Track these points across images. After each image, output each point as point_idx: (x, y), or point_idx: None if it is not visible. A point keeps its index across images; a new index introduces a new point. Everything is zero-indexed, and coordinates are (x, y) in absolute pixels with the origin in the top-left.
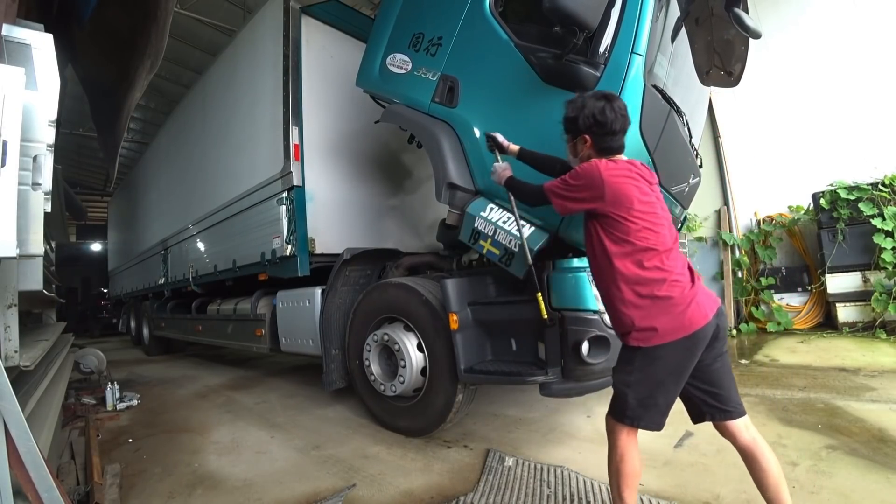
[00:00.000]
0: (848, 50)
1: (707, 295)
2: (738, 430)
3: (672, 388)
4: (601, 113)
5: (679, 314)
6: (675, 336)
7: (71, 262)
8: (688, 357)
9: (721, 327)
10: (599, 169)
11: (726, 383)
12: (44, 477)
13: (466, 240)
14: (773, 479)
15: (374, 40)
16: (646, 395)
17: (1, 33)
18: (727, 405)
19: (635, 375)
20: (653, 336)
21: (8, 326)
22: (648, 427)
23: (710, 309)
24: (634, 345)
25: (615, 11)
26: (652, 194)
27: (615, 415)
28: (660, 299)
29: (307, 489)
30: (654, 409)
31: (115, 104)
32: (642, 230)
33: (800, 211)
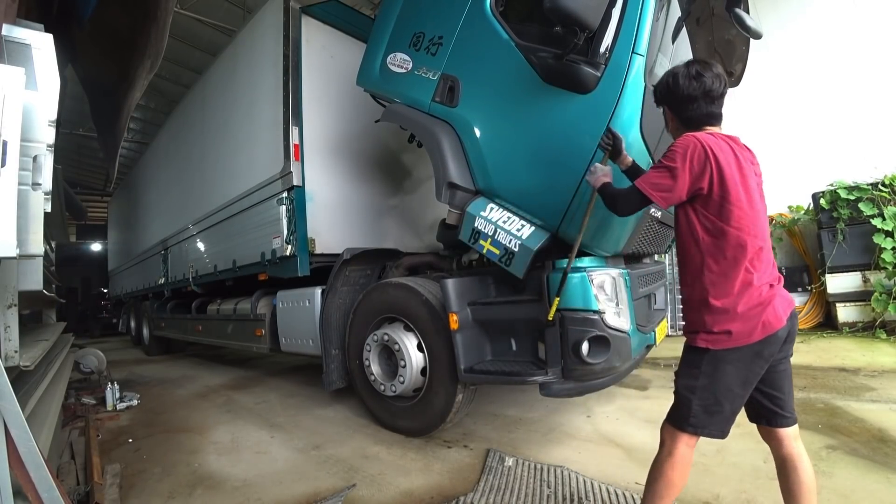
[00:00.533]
0: (848, 49)
1: (783, 297)
2: (787, 438)
3: (740, 395)
4: (674, 79)
5: (755, 316)
6: (748, 340)
7: (71, 262)
8: (759, 362)
9: (793, 330)
10: (700, 140)
11: (787, 388)
12: (44, 477)
13: (466, 239)
14: (805, 495)
15: (374, 39)
16: (712, 402)
17: (1, 33)
18: (785, 410)
19: (702, 380)
20: (726, 339)
21: (8, 326)
22: (712, 435)
23: (785, 312)
24: (703, 346)
25: (616, 11)
26: (755, 181)
27: (676, 422)
28: (741, 301)
29: (307, 489)
30: (720, 416)
31: (115, 104)
32: (743, 218)
33: (800, 211)
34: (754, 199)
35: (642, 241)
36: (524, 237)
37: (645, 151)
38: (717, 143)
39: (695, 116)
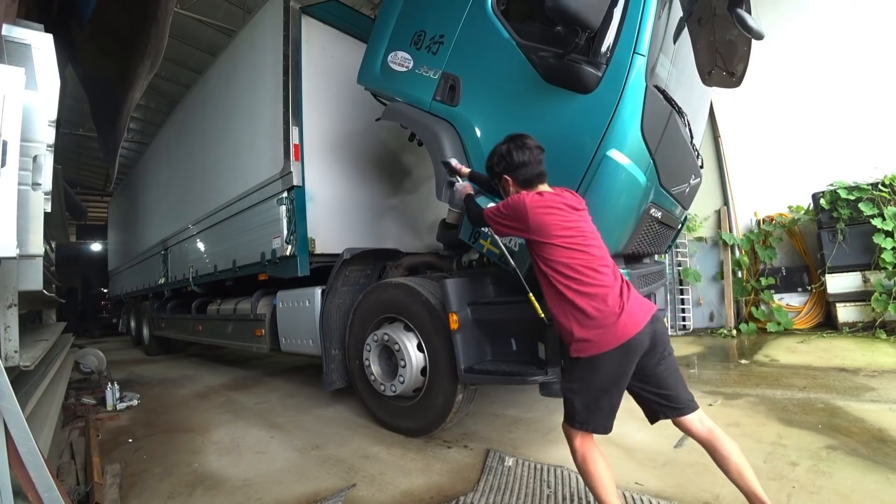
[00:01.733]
0: (848, 49)
1: (640, 304)
2: (692, 423)
3: (614, 393)
4: (507, 153)
5: (611, 325)
6: (609, 346)
7: (71, 262)
8: (624, 364)
9: (659, 332)
10: (525, 203)
11: (673, 383)
12: (44, 477)
13: (466, 238)
14: (734, 464)
15: (375, 37)
16: (591, 401)
17: (1, 33)
18: (677, 403)
19: (578, 384)
20: (589, 347)
21: (8, 326)
22: (596, 430)
23: (643, 317)
24: (574, 355)
25: (617, 11)
26: (578, 219)
27: (567, 420)
28: (591, 313)
29: (307, 489)
30: (599, 412)
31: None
32: (568, 251)
33: (800, 211)
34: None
35: (642, 241)
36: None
37: (646, 152)
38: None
39: (533, 180)
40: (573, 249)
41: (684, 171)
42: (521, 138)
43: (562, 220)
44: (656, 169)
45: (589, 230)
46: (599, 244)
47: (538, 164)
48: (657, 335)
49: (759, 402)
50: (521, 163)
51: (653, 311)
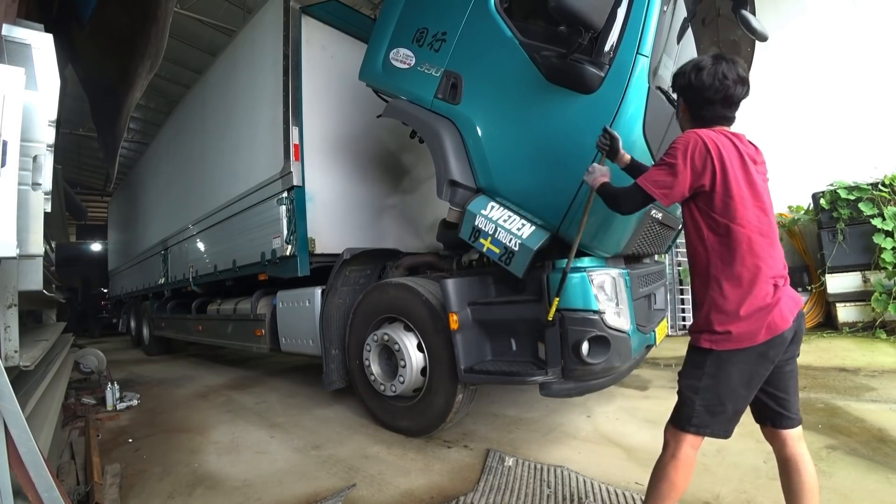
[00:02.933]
0: (848, 50)
1: (790, 297)
2: (791, 439)
3: (744, 395)
4: (696, 76)
5: (760, 318)
6: (753, 342)
7: (71, 262)
8: (764, 363)
9: (799, 330)
10: (702, 137)
11: (792, 389)
12: (44, 477)
13: (467, 237)
14: (807, 496)
15: (377, 34)
16: (715, 403)
17: (1, 33)
18: (790, 412)
19: (705, 381)
20: (728, 340)
21: (8, 326)
22: (716, 435)
23: (791, 312)
24: (707, 346)
25: (621, 11)
26: (759, 176)
27: (679, 423)
28: (746, 302)
29: (307, 489)
30: (723, 416)
31: (115, 104)
32: (748, 216)
33: (800, 211)
34: (761, 195)
35: (643, 241)
36: (524, 236)
37: (647, 153)
38: (720, 139)
39: (708, 116)
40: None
41: None
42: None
43: (742, 167)
44: None
45: (767, 195)
46: (772, 215)
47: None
48: (798, 334)
49: None
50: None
51: (800, 307)
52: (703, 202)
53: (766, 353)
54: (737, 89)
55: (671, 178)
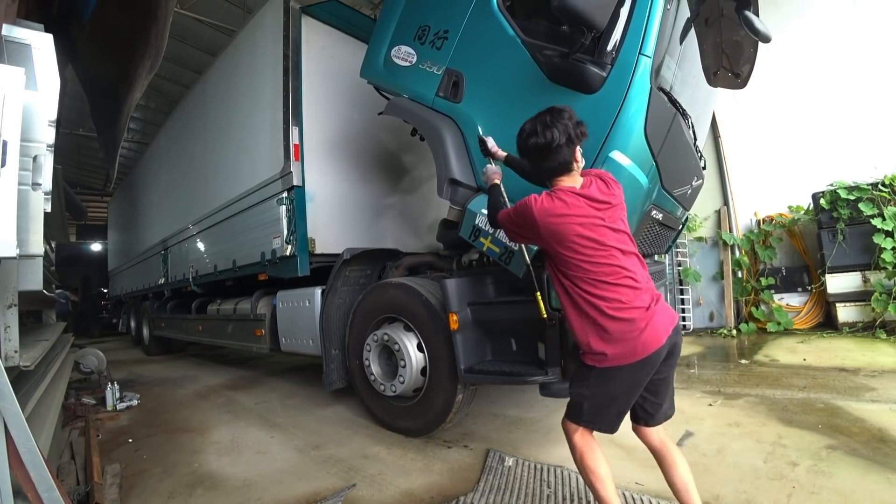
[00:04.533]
0: (848, 50)
1: (664, 315)
2: (653, 432)
3: (625, 401)
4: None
5: (632, 340)
6: (627, 360)
7: (71, 262)
8: (641, 377)
9: (677, 344)
10: (533, 210)
11: (663, 394)
12: (44, 477)
13: (467, 236)
14: (680, 476)
15: (379, 31)
16: (601, 405)
17: (1, 33)
18: (657, 414)
19: (591, 390)
20: (605, 359)
21: (8, 326)
22: (602, 430)
23: (665, 330)
24: (590, 363)
25: (624, 11)
26: (600, 220)
27: (571, 417)
28: (612, 330)
29: (307, 489)
30: (608, 416)
31: (115, 104)
32: (589, 263)
33: (800, 211)
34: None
35: (643, 242)
36: None
37: (648, 154)
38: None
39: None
40: (594, 262)
41: (687, 172)
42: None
43: (579, 226)
44: (658, 171)
45: (612, 232)
46: (625, 245)
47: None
48: (675, 347)
49: (760, 402)
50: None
51: (675, 323)
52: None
53: (641, 370)
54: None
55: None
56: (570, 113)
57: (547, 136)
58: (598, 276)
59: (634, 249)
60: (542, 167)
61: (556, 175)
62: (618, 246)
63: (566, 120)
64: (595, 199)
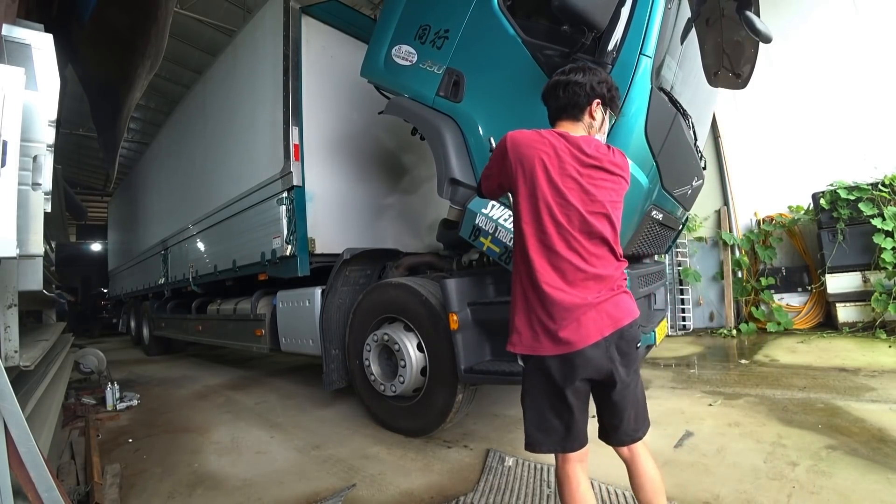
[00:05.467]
0: (848, 50)
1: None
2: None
3: (560, 406)
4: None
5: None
6: (547, 350)
7: (71, 262)
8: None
9: (620, 351)
10: (506, 139)
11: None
12: (44, 477)
13: (467, 236)
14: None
15: (379, 30)
16: (536, 414)
17: (1, 33)
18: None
19: (525, 397)
20: (519, 343)
21: (8, 326)
22: (554, 450)
23: (598, 330)
24: (516, 351)
25: (625, 11)
26: (575, 172)
27: (525, 444)
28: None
29: (307, 489)
30: (548, 427)
31: (115, 104)
32: (546, 216)
33: (800, 211)
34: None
35: (643, 242)
36: None
37: (649, 154)
38: (528, 134)
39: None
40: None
41: (687, 173)
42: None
43: (545, 162)
44: (659, 171)
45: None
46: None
47: (574, 96)
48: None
49: (759, 402)
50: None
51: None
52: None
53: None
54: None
55: (487, 172)
56: (608, 75)
57: (571, 76)
58: (544, 240)
59: (608, 234)
60: (550, 105)
61: (560, 116)
62: (583, 212)
63: (600, 74)
64: (581, 149)
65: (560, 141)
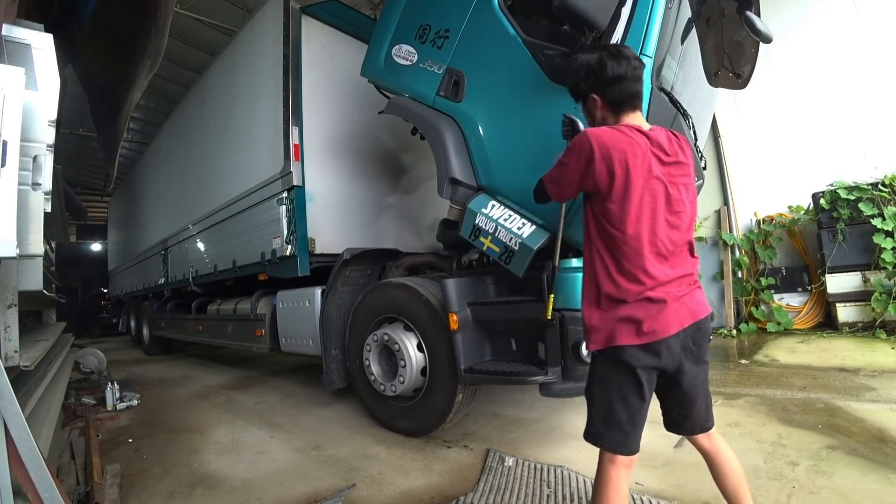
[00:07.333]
0: (848, 50)
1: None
2: (698, 438)
3: (635, 404)
4: (599, 63)
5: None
6: (629, 340)
7: (71, 262)
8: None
9: (696, 342)
10: (589, 135)
11: (697, 405)
12: (44, 477)
13: (467, 236)
14: (734, 482)
15: (380, 30)
16: (606, 411)
17: (1, 33)
18: (693, 425)
19: (594, 389)
20: (605, 338)
21: (8, 326)
22: (616, 449)
23: (683, 320)
24: (592, 348)
25: (625, 11)
26: (660, 174)
27: (585, 436)
28: (622, 301)
29: (307, 489)
30: (616, 425)
31: (115, 104)
32: (633, 217)
33: (800, 211)
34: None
35: None
36: (525, 236)
37: None
38: (613, 133)
39: (625, 96)
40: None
41: None
42: (617, 48)
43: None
44: None
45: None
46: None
47: (635, 82)
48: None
49: (760, 402)
50: (615, 76)
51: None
52: (593, 201)
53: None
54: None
55: (560, 177)
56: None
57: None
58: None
59: (689, 232)
60: (608, 96)
61: (622, 108)
62: (668, 212)
63: (630, 55)
64: (661, 146)
65: (642, 138)
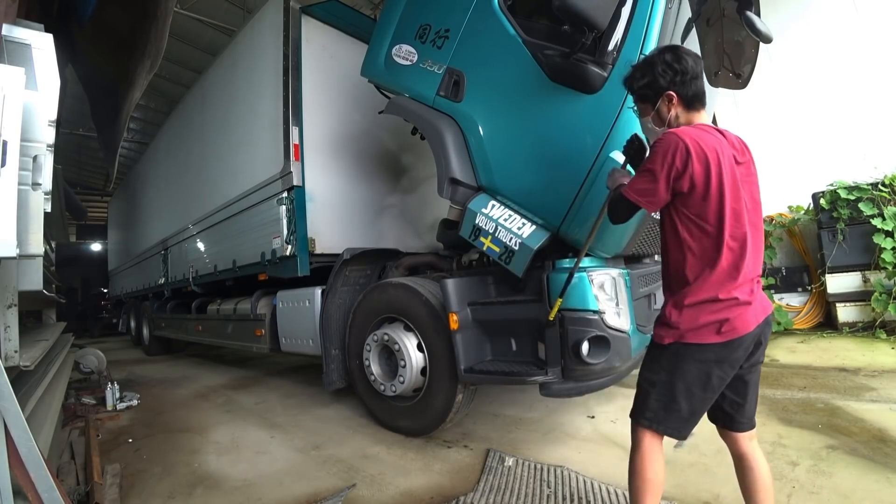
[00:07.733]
0: (848, 50)
1: (760, 301)
2: (742, 439)
3: (700, 396)
4: (676, 59)
5: (724, 317)
6: (710, 339)
7: (71, 262)
8: (724, 366)
9: (763, 337)
10: (679, 135)
11: (750, 396)
12: (44, 477)
13: (467, 236)
14: (761, 492)
15: (380, 30)
16: (669, 398)
17: (1, 33)
18: (743, 417)
19: (661, 375)
20: (682, 334)
21: (8, 326)
22: (668, 433)
23: (757, 318)
24: (667, 342)
25: (625, 11)
26: (737, 174)
27: (634, 414)
28: (711, 301)
29: (307, 489)
30: (676, 413)
31: (115, 104)
32: (725, 216)
33: (800, 211)
34: (741, 195)
35: (643, 241)
36: (525, 236)
37: None
38: (701, 138)
39: (701, 94)
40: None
41: None
42: (675, 47)
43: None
44: None
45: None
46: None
47: (703, 80)
48: (761, 341)
49: (760, 402)
50: (694, 72)
51: (768, 313)
52: (680, 203)
53: (725, 356)
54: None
55: (652, 185)
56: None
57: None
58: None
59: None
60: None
61: (695, 105)
62: (745, 213)
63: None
64: (734, 146)
65: (721, 139)
